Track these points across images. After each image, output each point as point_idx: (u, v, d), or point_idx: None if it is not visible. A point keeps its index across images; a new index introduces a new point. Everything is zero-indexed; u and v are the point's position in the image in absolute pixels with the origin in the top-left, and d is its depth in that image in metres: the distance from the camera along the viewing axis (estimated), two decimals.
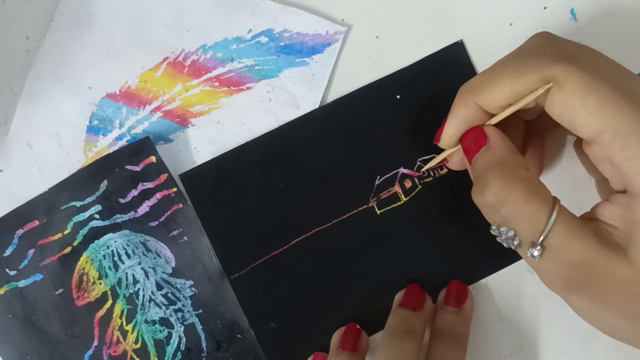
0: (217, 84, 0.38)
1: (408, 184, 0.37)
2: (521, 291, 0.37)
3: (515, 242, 0.27)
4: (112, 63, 0.38)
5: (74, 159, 0.38)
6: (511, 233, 0.27)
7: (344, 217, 0.37)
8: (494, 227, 0.28)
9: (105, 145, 0.38)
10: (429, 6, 0.38)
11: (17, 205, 0.38)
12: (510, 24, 0.37)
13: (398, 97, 0.37)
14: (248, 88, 0.38)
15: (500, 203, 0.26)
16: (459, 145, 0.31)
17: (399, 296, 0.36)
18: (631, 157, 0.25)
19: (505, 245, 0.28)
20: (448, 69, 0.37)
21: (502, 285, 0.37)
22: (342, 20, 0.38)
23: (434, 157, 0.36)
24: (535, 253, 0.26)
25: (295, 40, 0.38)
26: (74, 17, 0.38)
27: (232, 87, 0.38)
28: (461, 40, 0.37)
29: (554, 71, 0.26)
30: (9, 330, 0.38)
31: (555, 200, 0.26)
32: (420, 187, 0.37)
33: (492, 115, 0.30)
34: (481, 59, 0.37)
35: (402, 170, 0.37)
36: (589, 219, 0.28)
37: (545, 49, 0.28)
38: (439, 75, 0.37)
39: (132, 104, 0.38)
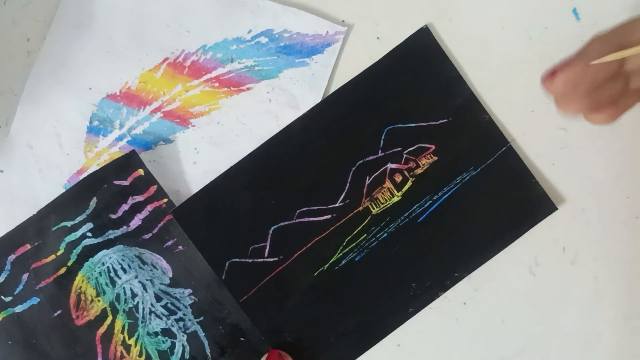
0: (217, 84, 0.38)
1: (398, 178, 0.37)
2: (523, 292, 0.37)
3: None
4: (112, 64, 0.38)
5: (74, 159, 0.38)
6: None
7: (341, 222, 0.37)
8: None
9: (106, 145, 0.38)
10: (430, 7, 0.37)
11: (17, 206, 0.38)
12: (512, 24, 0.37)
13: (371, 93, 0.37)
14: (248, 89, 0.38)
15: None
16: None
17: None
18: None
19: None
20: (418, 56, 0.37)
21: (503, 286, 0.37)
22: (343, 21, 0.38)
23: (419, 147, 0.36)
24: None
25: (295, 40, 0.38)
26: (74, 18, 0.38)
27: (232, 88, 0.38)
28: (425, 25, 0.37)
29: None
30: (10, 357, 0.37)
31: None
32: (411, 179, 0.37)
33: None
34: (481, 58, 0.37)
35: (390, 165, 0.37)
36: None
37: None
38: (409, 64, 0.37)
39: (132, 105, 0.38)
